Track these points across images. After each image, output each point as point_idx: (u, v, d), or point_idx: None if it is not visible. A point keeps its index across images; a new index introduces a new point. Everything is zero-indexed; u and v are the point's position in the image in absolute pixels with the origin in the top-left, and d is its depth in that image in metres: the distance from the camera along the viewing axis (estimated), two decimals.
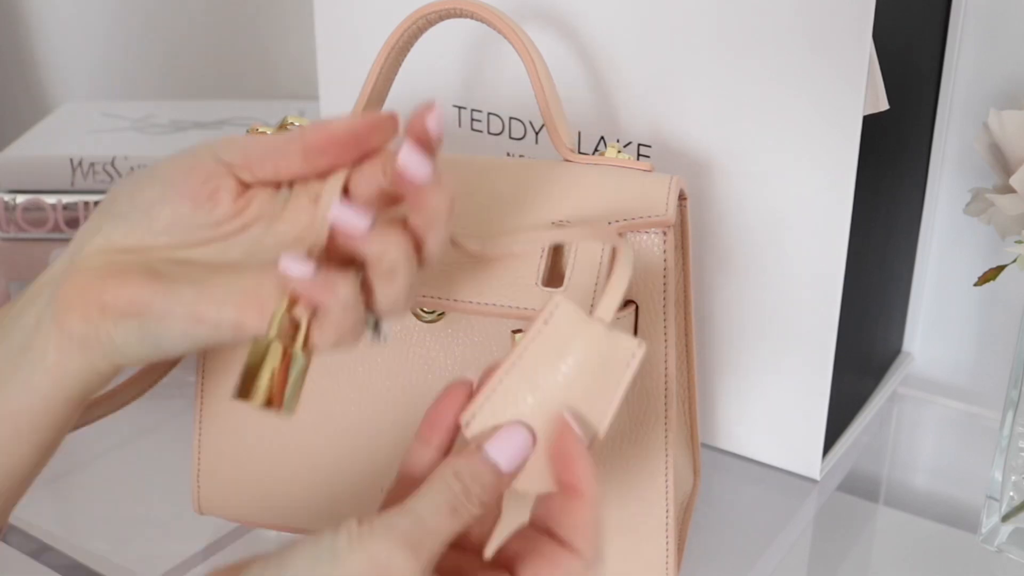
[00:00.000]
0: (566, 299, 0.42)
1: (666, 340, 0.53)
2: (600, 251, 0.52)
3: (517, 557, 0.40)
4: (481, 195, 0.54)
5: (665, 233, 0.52)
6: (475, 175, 0.54)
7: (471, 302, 0.51)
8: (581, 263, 0.51)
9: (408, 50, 0.57)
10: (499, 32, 0.54)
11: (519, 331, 0.52)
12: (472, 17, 0.54)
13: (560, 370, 0.41)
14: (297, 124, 0.54)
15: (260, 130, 0.55)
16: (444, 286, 0.52)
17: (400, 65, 0.57)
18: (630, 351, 0.41)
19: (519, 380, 0.41)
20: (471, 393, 0.42)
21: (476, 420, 0.41)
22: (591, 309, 0.43)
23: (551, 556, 0.39)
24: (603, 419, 0.41)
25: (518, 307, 0.51)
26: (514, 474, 0.40)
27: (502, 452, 0.40)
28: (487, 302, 0.51)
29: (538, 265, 0.51)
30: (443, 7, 0.54)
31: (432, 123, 0.42)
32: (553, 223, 0.52)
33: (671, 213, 0.52)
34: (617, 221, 0.52)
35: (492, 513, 0.43)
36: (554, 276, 0.52)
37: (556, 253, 0.53)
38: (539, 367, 0.41)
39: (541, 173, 0.54)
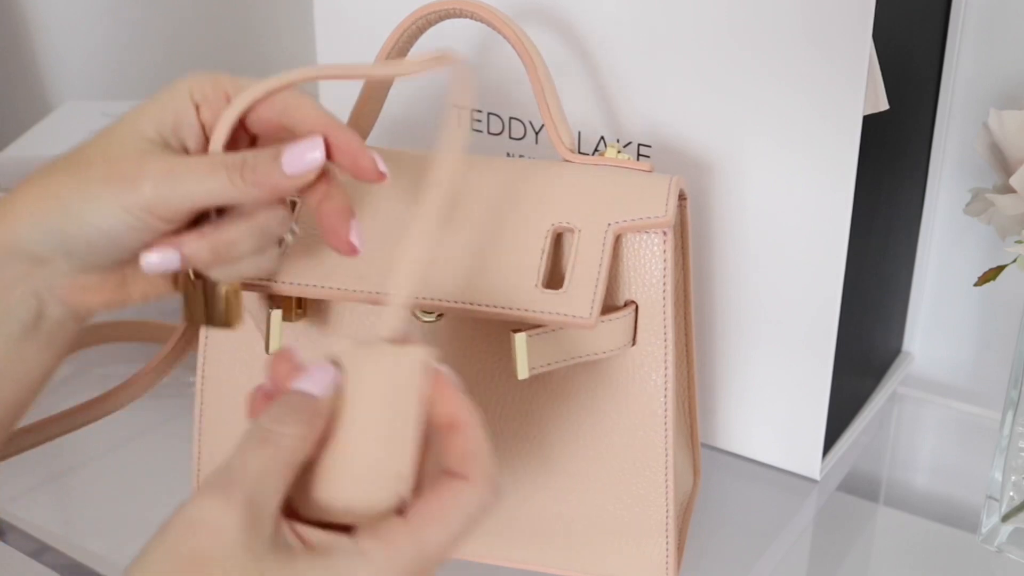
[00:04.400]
0: (347, 342, 0.41)
1: (666, 340, 0.53)
2: (600, 252, 0.51)
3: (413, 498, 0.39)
4: (480, 196, 0.54)
5: (665, 234, 0.52)
6: (474, 175, 0.54)
7: (471, 304, 0.51)
8: (581, 264, 0.51)
9: (408, 50, 0.57)
10: (499, 32, 0.54)
11: (518, 330, 0.52)
12: (472, 17, 0.54)
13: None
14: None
15: None
16: (442, 288, 0.52)
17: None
18: (420, 357, 0.40)
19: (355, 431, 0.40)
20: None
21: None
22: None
23: (440, 486, 0.38)
24: (407, 430, 0.39)
25: (518, 308, 0.51)
26: (327, 399, 0.39)
27: (307, 380, 0.39)
28: (487, 304, 0.51)
29: (538, 267, 0.51)
30: (443, 7, 0.54)
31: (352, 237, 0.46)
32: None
33: (670, 214, 0.52)
34: (616, 222, 0.52)
35: None
36: (554, 277, 0.52)
37: (556, 255, 0.53)
38: (365, 405, 0.40)
39: (541, 173, 0.54)
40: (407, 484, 0.38)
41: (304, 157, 0.44)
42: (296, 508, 0.39)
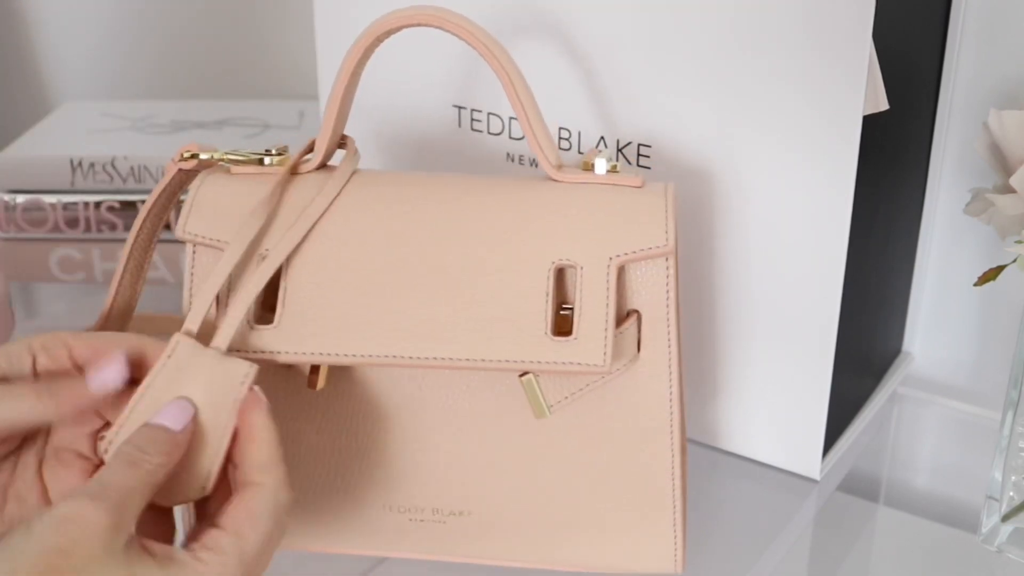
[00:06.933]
0: (185, 335, 0.48)
1: (670, 345, 0.53)
2: (605, 291, 0.51)
3: (219, 511, 0.45)
4: (470, 234, 0.52)
5: (668, 259, 0.52)
6: (459, 209, 0.53)
7: (481, 360, 0.50)
8: (587, 306, 0.50)
9: (367, 60, 0.55)
10: (473, 48, 0.52)
11: (526, 373, 0.52)
12: (443, 29, 0.52)
13: (184, 394, 0.47)
14: (269, 161, 0.55)
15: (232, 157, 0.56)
16: (448, 345, 0.51)
17: (360, 76, 0.55)
18: (244, 372, 0.47)
19: (149, 407, 0.47)
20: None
21: (113, 446, 0.46)
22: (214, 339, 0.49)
23: (245, 494, 0.45)
24: (224, 435, 0.46)
25: (530, 361, 0.50)
26: (185, 432, 0.46)
27: (165, 416, 0.46)
28: (497, 359, 0.50)
29: (544, 312, 0.50)
30: (413, 19, 0.52)
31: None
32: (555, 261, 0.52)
33: (671, 241, 0.51)
34: (618, 255, 0.51)
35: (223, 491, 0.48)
36: (557, 315, 0.51)
37: (557, 288, 0.52)
38: (165, 394, 0.47)
39: (530, 200, 0.53)
40: (212, 482, 0.46)
41: (107, 377, 0.48)
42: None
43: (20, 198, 0.86)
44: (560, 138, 0.66)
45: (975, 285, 0.62)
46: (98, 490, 0.42)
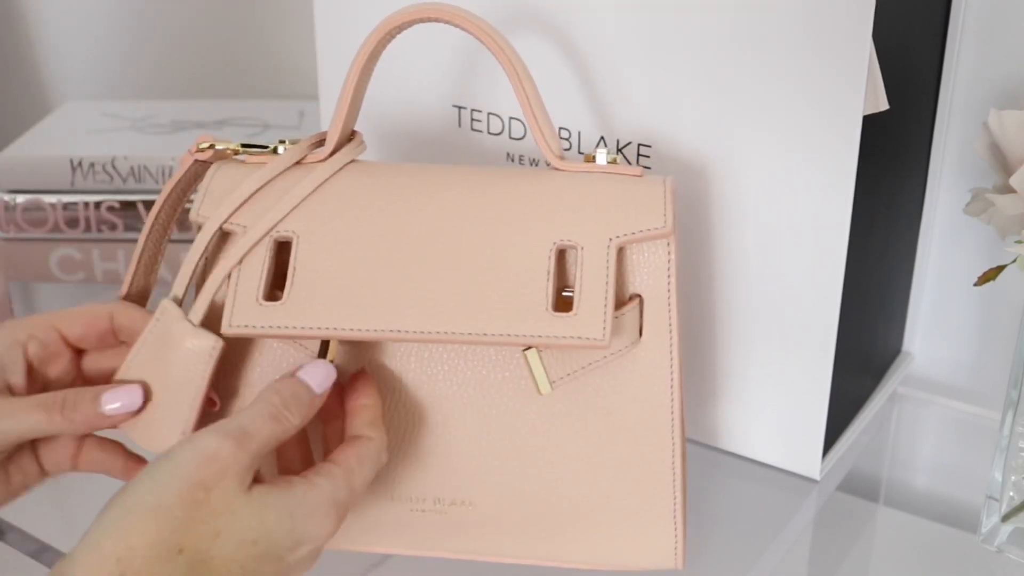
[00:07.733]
0: (171, 302, 0.52)
1: (671, 331, 0.54)
2: (605, 269, 0.51)
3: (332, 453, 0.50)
4: (475, 215, 0.53)
5: (668, 244, 0.53)
6: (465, 192, 0.54)
7: (483, 334, 0.51)
8: (588, 283, 0.51)
9: (379, 56, 0.55)
10: (479, 40, 0.53)
11: (529, 348, 0.52)
12: (450, 24, 0.53)
13: (166, 356, 0.51)
14: (282, 149, 0.56)
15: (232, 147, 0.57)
16: (450, 319, 0.51)
17: (372, 71, 0.56)
18: (211, 346, 0.51)
19: (138, 368, 0.52)
20: None
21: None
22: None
23: (356, 443, 0.51)
24: (194, 404, 0.51)
25: (530, 335, 0.51)
26: (323, 396, 0.50)
27: (314, 376, 0.50)
28: (498, 333, 0.51)
29: (545, 289, 0.51)
30: (421, 15, 0.53)
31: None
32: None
33: (670, 224, 0.52)
34: (617, 236, 0.52)
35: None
36: (558, 294, 0.52)
37: (558, 270, 0.52)
38: (153, 357, 0.52)
39: (533, 186, 0.54)
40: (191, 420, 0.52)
41: (122, 401, 0.51)
42: None
43: (20, 198, 0.86)
44: (560, 138, 0.66)
45: (975, 285, 0.62)
46: (240, 435, 0.45)
